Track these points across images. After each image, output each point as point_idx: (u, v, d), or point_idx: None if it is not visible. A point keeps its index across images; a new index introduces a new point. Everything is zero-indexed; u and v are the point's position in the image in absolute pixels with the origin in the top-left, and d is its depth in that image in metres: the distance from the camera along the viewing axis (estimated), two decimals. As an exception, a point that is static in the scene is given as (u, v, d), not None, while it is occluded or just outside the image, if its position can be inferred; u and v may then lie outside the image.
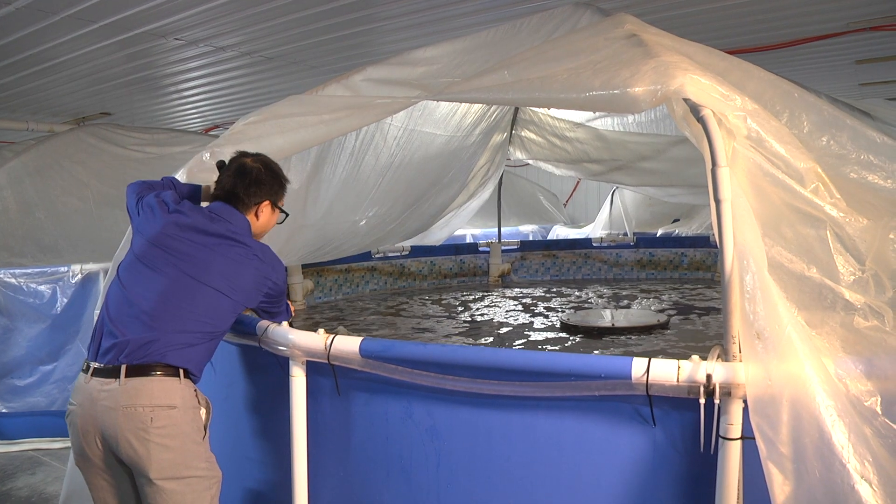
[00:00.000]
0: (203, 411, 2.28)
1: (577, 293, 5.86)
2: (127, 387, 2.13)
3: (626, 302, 5.39)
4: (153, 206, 2.43)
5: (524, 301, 5.46)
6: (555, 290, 6.10)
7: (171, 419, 2.14)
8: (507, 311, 4.97)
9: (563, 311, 4.87)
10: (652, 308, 5.01)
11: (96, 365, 2.21)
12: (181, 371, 2.21)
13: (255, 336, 2.45)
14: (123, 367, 2.14)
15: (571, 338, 4.04)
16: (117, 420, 2.12)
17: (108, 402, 2.14)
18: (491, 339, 4.09)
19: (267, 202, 2.53)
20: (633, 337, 4.02)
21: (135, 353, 2.15)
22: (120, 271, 2.36)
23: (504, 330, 4.32)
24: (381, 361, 2.16)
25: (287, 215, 2.67)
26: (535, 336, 4.12)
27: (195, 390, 2.27)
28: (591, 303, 5.39)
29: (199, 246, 2.32)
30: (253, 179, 2.49)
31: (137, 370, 2.15)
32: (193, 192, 2.70)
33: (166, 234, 2.34)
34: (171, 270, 2.27)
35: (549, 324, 4.45)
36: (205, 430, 2.26)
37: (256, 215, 2.52)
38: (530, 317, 4.71)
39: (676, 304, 5.20)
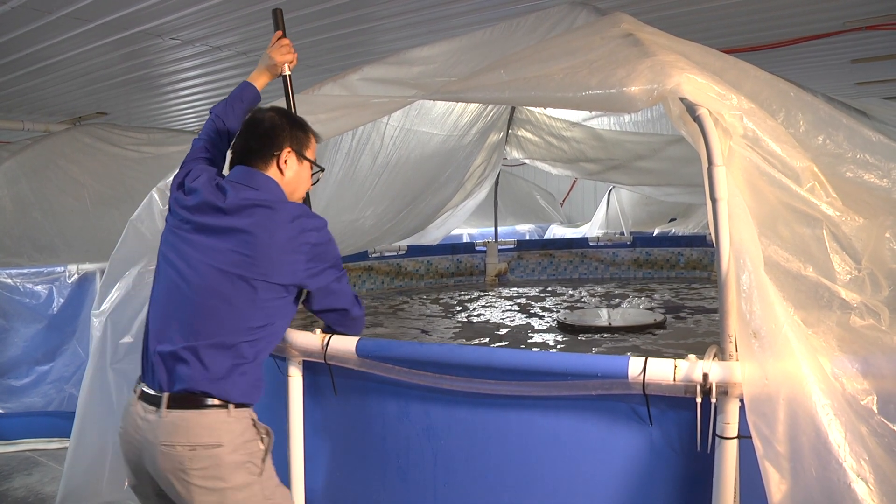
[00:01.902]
0: (263, 441, 1.99)
1: (570, 292, 5.87)
2: (166, 421, 1.88)
3: (617, 301, 5.40)
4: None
5: (520, 301, 5.46)
6: (550, 288, 6.11)
7: (213, 459, 1.87)
8: (503, 312, 4.97)
9: (558, 311, 4.87)
10: (641, 307, 5.02)
11: (144, 387, 1.98)
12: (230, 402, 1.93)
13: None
14: (165, 397, 1.90)
15: (568, 337, 4.04)
16: (156, 458, 1.89)
17: (148, 434, 1.91)
18: (487, 339, 4.09)
19: (288, 149, 2.13)
20: (629, 336, 4.03)
21: (178, 377, 1.90)
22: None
23: (503, 331, 4.32)
24: (377, 361, 2.16)
25: (322, 169, 2.29)
26: (532, 336, 4.12)
27: (251, 419, 1.98)
28: (584, 302, 5.39)
29: (212, 228, 2.00)
30: (266, 128, 2.13)
31: (180, 401, 1.89)
32: (244, 104, 2.39)
33: (173, 225, 2.07)
34: (189, 269, 1.98)
35: (546, 323, 4.44)
36: (263, 461, 1.98)
37: (281, 170, 2.12)
38: (526, 317, 4.71)
39: (667, 303, 5.21)
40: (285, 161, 2.13)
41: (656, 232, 8.76)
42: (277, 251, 1.96)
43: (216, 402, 1.90)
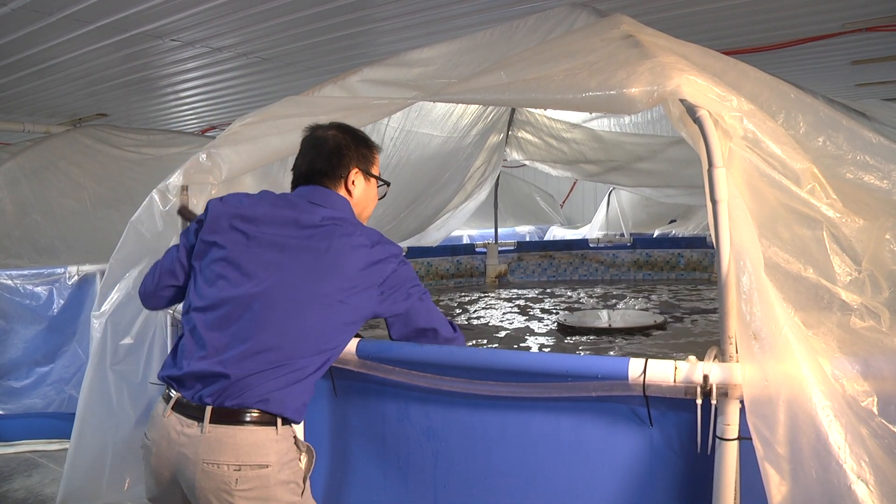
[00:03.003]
0: (304, 461, 1.93)
1: (569, 293, 5.87)
2: (209, 437, 1.77)
3: (613, 301, 5.40)
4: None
5: (519, 302, 5.45)
6: (549, 290, 6.11)
7: (261, 480, 1.78)
8: (503, 314, 4.97)
9: (556, 313, 4.87)
10: (636, 308, 5.02)
11: (179, 397, 1.85)
12: (279, 419, 1.83)
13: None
14: (209, 410, 1.78)
15: (568, 338, 4.04)
16: (196, 476, 1.77)
17: (187, 450, 1.79)
18: (485, 340, 4.09)
19: (356, 169, 2.08)
20: (629, 337, 4.03)
21: (226, 391, 1.79)
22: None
23: (502, 333, 4.32)
24: (378, 362, 2.16)
25: (388, 184, 2.25)
26: (532, 337, 4.12)
27: (294, 438, 1.91)
28: (582, 303, 5.40)
29: (287, 244, 1.91)
30: (331, 148, 2.07)
31: (224, 416, 1.78)
32: None
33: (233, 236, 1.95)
34: (252, 284, 1.87)
35: (545, 326, 4.44)
36: (304, 482, 1.92)
37: (349, 190, 2.08)
38: (525, 320, 4.70)
39: (663, 304, 5.21)
40: (353, 182, 2.09)
41: (656, 233, 8.77)
42: (355, 274, 1.90)
43: (263, 418, 1.81)
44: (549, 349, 3.83)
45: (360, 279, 1.90)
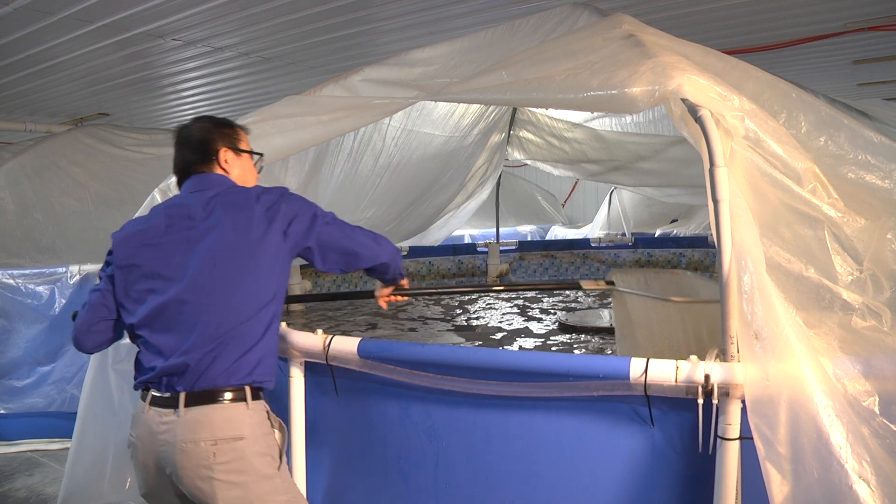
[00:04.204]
0: (277, 435, 2.03)
1: (567, 293, 5.87)
2: (186, 419, 1.89)
3: (609, 301, 5.41)
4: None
5: (517, 302, 5.45)
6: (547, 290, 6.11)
7: (237, 452, 1.89)
8: (503, 314, 4.96)
9: (555, 313, 4.87)
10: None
11: (154, 393, 1.97)
12: (248, 391, 1.96)
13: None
14: (182, 396, 1.91)
15: (569, 338, 4.04)
16: (177, 457, 1.88)
17: (167, 436, 1.91)
18: (482, 340, 4.09)
19: (224, 149, 2.19)
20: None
21: (193, 376, 1.92)
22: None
23: (499, 335, 4.32)
24: (379, 362, 2.16)
25: (261, 155, 2.36)
26: (532, 336, 4.12)
27: (267, 412, 2.02)
28: (579, 302, 5.40)
29: (189, 235, 2.03)
30: (196, 139, 2.19)
31: (197, 397, 1.91)
32: None
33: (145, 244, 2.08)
34: (174, 282, 1.99)
35: (545, 327, 4.44)
36: (280, 457, 2.01)
37: (224, 169, 2.19)
38: (524, 320, 4.70)
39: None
40: (225, 160, 2.19)
41: (658, 233, 8.77)
42: (254, 228, 2.01)
43: (234, 395, 1.93)
44: (551, 348, 3.83)
45: (260, 230, 2.01)
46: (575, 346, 3.84)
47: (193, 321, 1.95)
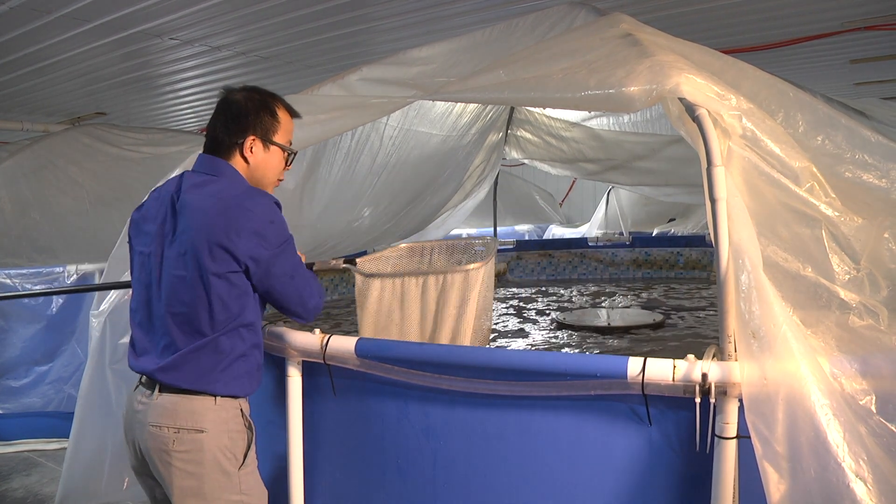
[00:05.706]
0: (246, 435, 2.02)
1: (562, 292, 5.88)
2: (157, 403, 1.95)
3: (603, 299, 5.42)
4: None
5: (513, 302, 5.46)
6: (544, 289, 6.12)
7: (195, 444, 1.92)
8: (498, 315, 4.96)
9: (549, 313, 4.87)
10: (623, 306, 5.03)
11: (141, 377, 2.06)
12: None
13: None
14: (158, 384, 1.97)
15: (567, 337, 4.05)
16: (145, 437, 1.96)
17: (141, 415, 1.98)
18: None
19: (252, 137, 2.03)
20: (628, 336, 4.03)
21: (166, 375, 1.96)
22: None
23: (499, 334, 4.32)
24: (376, 361, 2.16)
25: (294, 154, 2.18)
26: (530, 336, 4.12)
27: (240, 410, 2.01)
28: (573, 301, 5.41)
29: (166, 234, 2.00)
30: (233, 114, 2.04)
31: (170, 387, 1.96)
32: None
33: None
34: (154, 281, 2.01)
35: (540, 329, 4.44)
36: (244, 457, 2.00)
37: (245, 158, 2.05)
38: (520, 321, 4.70)
39: (652, 301, 5.23)
40: (251, 149, 2.05)
41: (655, 232, 8.76)
42: (225, 239, 1.90)
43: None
44: (549, 348, 3.84)
45: (231, 242, 1.89)
46: (573, 345, 3.85)
47: (165, 328, 1.98)
